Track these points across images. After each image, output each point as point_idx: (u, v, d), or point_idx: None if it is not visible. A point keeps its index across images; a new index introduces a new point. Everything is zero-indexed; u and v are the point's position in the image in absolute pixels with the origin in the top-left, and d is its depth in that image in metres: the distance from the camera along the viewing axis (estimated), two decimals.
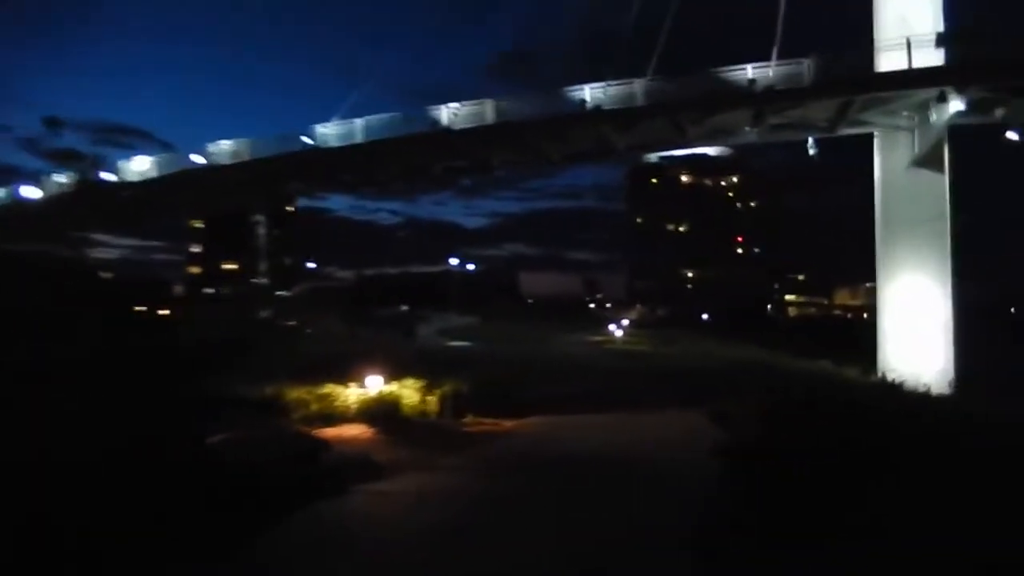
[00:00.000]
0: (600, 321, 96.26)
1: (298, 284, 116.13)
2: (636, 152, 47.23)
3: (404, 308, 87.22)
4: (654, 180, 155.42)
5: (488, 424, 18.18)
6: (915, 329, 33.51)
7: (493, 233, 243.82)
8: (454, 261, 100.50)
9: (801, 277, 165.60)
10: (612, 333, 60.51)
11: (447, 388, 18.64)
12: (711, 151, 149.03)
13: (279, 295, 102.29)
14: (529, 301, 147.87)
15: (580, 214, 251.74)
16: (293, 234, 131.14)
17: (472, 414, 18.52)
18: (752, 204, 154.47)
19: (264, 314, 69.81)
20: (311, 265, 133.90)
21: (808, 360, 42.23)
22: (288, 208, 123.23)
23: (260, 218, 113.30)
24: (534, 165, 43.56)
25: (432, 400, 18.24)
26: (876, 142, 34.88)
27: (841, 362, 39.72)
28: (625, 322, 73.09)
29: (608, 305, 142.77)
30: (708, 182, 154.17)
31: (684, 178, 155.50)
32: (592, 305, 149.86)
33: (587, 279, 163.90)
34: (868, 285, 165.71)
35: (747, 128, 35.66)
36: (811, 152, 36.36)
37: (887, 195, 34.41)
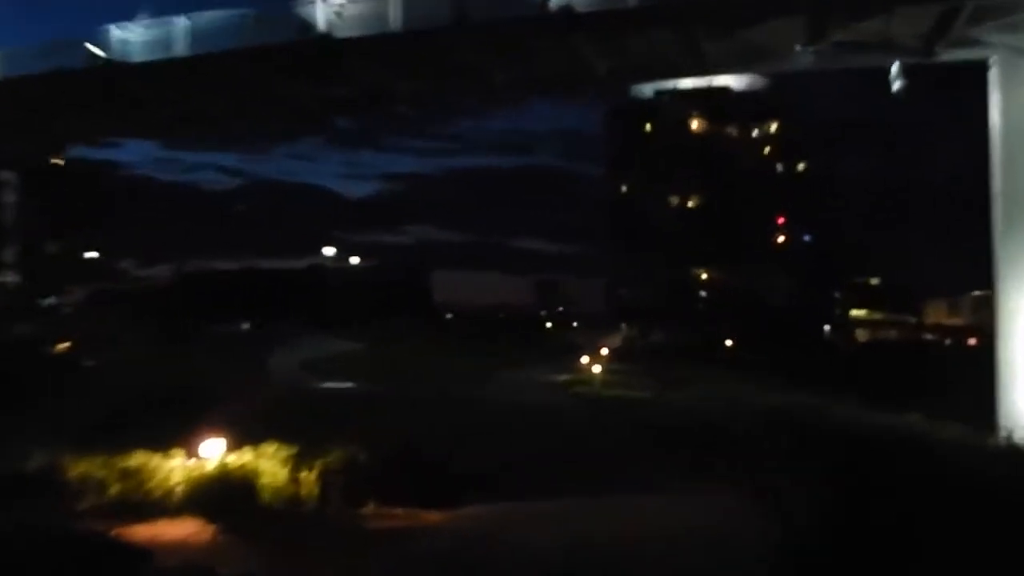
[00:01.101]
0: (564, 348, 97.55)
1: (75, 285, 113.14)
2: (624, 80, 48.04)
3: (246, 326, 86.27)
4: (649, 126, 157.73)
5: (401, 518, 18.18)
6: None
7: (390, 207, 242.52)
8: (329, 251, 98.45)
9: (874, 281, 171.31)
10: (585, 368, 61.15)
11: (333, 459, 18.60)
12: (736, 83, 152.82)
13: (43, 303, 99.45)
14: (448, 316, 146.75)
15: (531, 178, 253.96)
16: (63, 203, 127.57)
17: (375, 501, 18.53)
18: (800, 167, 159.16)
19: (19, 332, 67.91)
20: (92, 255, 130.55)
21: (887, 411, 43.58)
22: (55, 161, 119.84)
23: (7, 177, 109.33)
24: (466, 97, 43.69)
25: (309, 478, 18.16)
26: (993, 73, 36.06)
27: (938, 412, 41.14)
28: (604, 351, 74.11)
29: (575, 324, 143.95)
30: (733, 131, 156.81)
31: (695, 124, 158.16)
32: (550, 324, 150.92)
33: (542, 282, 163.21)
34: (977, 294, 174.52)
35: (798, 47, 36.42)
36: (894, 87, 37.25)
37: (1011, 154, 35.61)
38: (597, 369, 54.42)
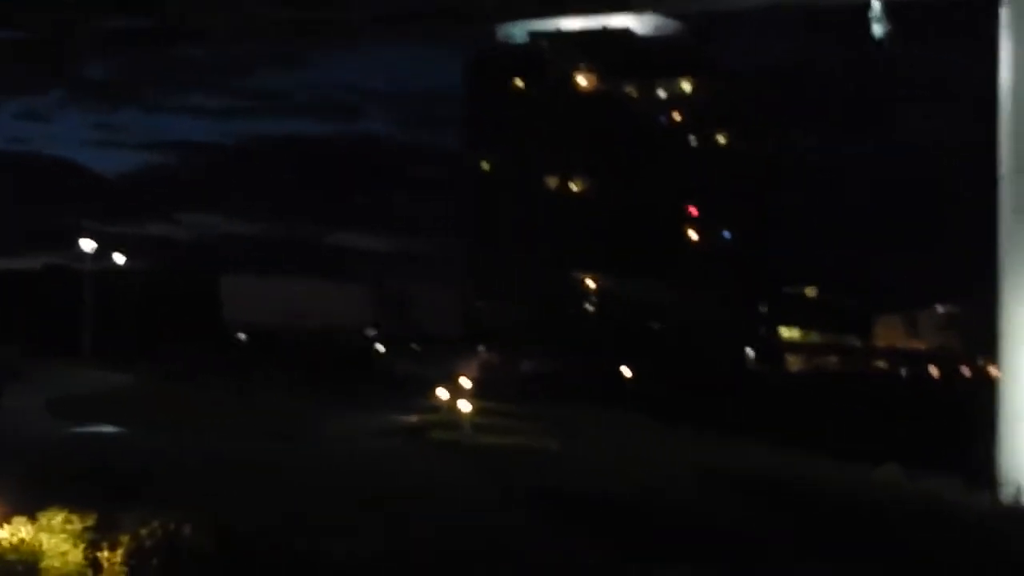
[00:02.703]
0: (407, 380, 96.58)
1: None
2: (523, 15, 47.54)
3: None
4: (521, 82, 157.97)
5: None
6: None
7: (160, 187, 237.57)
8: (88, 246, 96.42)
9: (811, 293, 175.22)
10: (445, 406, 61.24)
11: (149, 531, 17.97)
12: (640, 25, 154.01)
13: None
14: (241, 336, 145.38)
15: (358, 150, 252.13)
16: None
17: None
18: (721, 141, 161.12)
19: None
20: None
21: (853, 464, 44.43)
22: None
23: None
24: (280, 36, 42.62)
25: (115, 560, 17.47)
26: (1005, 13, 36.75)
27: (916, 463, 41.95)
28: (466, 383, 74.21)
29: (415, 346, 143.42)
30: (633, 91, 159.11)
31: (583, 80, 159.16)
32: (382, 347, 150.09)
33: (378, 292, 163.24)
34: (941, 309, 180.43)
35: None
36: (876, 31, 37.64)
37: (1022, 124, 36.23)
38: (466, 408, 53.90)
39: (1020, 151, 37.70)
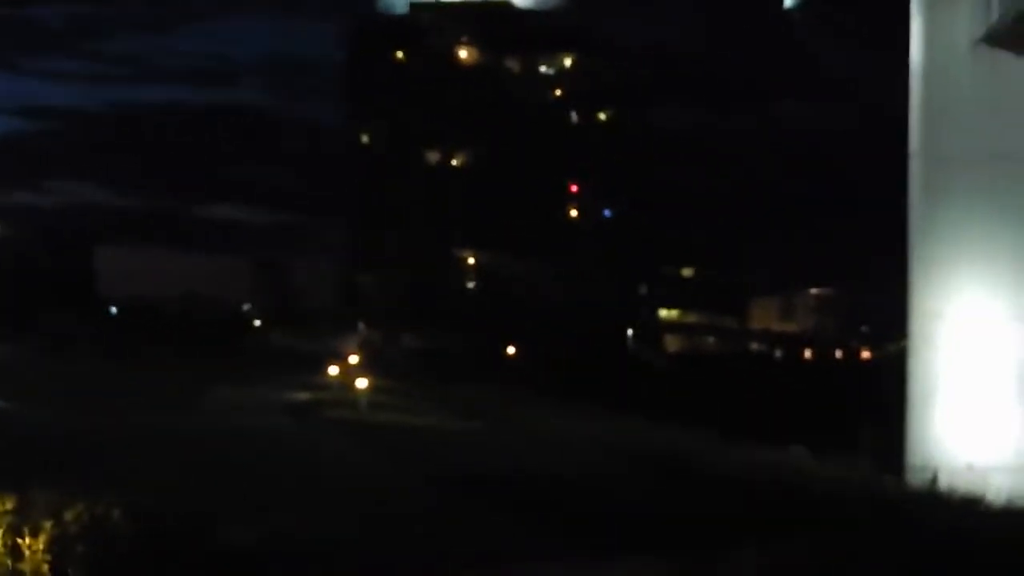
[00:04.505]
0: (290, 355, 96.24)
1: None
2: None
3: None
4: (401, 53, 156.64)
5: None
6: (981, 379, 35.72)
7: (27, 153, 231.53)
8: None
9: (687, 273, 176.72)
10: (336, 382, 60.36)
11: (74, 515, 16.78)
12: None
13: None
14: (112, 309, 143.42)
15: (234, 119, 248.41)
16: None
17: None
18: (602, 116, 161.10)
19: None
20: None
21: (758, 446, 44.35)
22: None
23: None
24: None
25: (37, 547, 16.24)
26: None
27: (819, 446, 41.93)
28: (353, 359, 74.03)
29: (296, 323, 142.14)
30: (514, 64, 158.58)
31: (463, 52, 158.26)
32: (258, 321, 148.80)
33: (254, 265, 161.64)
34: (816, 292, 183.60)
35: None
36: (787, 1, 37.47)
37: (935, 97, 36.22)
38: (362, 384, 52.99)
39: (928, 128, 37.56)
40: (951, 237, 36.77)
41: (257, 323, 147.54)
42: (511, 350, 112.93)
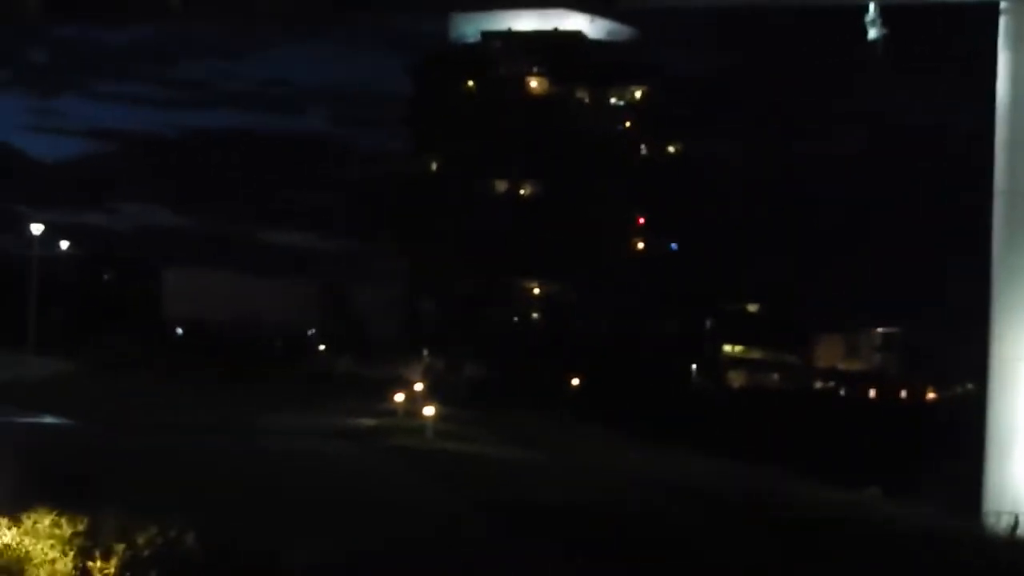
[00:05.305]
0: (356, 382, 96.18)
1: None
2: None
3: None
4: (471, 83, 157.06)
5: None
6: None
7: (99, 175, 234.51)
8: (31, 232, 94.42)
9: (753, 309, 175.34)
10: (401, 409, 61.04)
11: (147, 539, 16.56)
12: (592, 28, 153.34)
13: None
14: (179, 331, 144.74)
15: (301, 147, 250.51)
16: None
17: None
18: (671, 150, 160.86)
19: None
20: None
21: (832, 485, 43.73)
22: None
23: None
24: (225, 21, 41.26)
25: (108, 570, 15.97)
26: (1004, 24, 36.30)
27: (894, 486, 41.42)
28: (418, 386, 73.77)
29: (363, 349, 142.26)
30: (585, 96, 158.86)
31: (535, 83, 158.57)
32: (322, 346, 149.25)
33: (325, 288, 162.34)
34: (882, 331, 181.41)
35: None
36: (871, 34, 37.06)
37: (1019, 141, 35.57)
38: (425, 411, 52.68)
39: (1016, 168, 36.95)
40: None
41: (321, 348, 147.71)
42: (575, 381, 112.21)
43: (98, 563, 16.41)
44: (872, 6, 37.06)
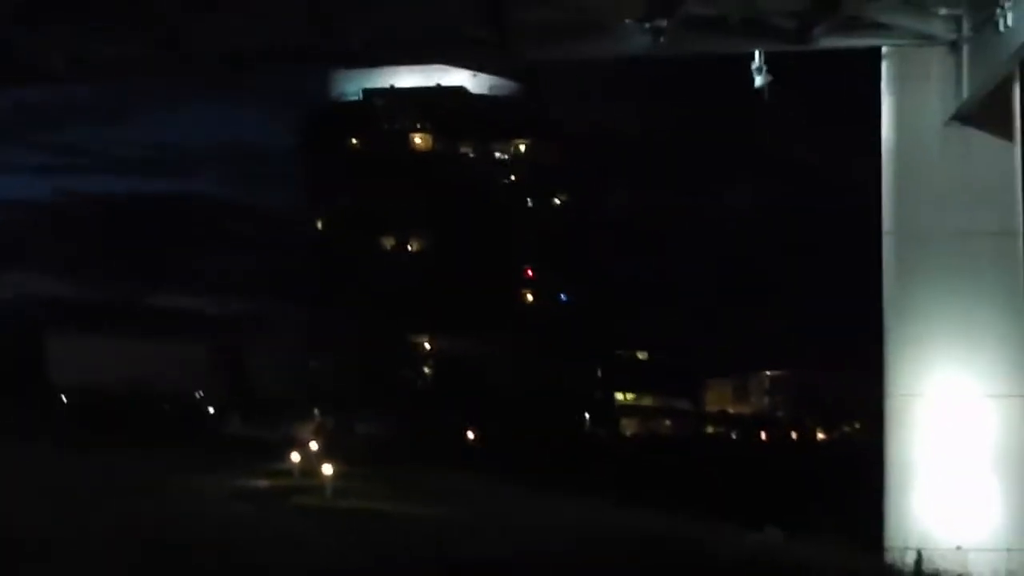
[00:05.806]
0: (247, 442, 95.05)
1: None
2: (387, 59, 46.19)
3: None
4: (355, 140, 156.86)
5: None
6: (959, 458, 35.33)
7: None
8: None
9: (642, 356, 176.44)
10: (298, 469, 60.92)
11: None
12: (474, 84, 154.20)
13: None
14: (63, 398, 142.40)
15: (185, 209, 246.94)
16: None
17: None
18: (556, 202, 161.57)
19: None
20: None
21: (727, 527, 43.70)
22: None
23: None
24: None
25: None
26: (886, 67, 36.74)
27: (792, 527, 41.33)
28: (313, 445, 73.16)
29: (252, 409, 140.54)
30: (469, 150, 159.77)
31: (419, 139, 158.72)
32: (211, 408, 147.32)
33: (213, 350, 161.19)
34: (769, 374, 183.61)
35: (632, 21, 35.80)
36: (757, 81, 37.33)
37: (908, 176, 36.10)
38: (328, 471, 52.12)
39: (901, 207, 37.48)
40: (926, 315, 36.47)
41: (211, 410, 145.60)
42: (469, 435, 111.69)
43: None
44: (757, 54, 37.45)
